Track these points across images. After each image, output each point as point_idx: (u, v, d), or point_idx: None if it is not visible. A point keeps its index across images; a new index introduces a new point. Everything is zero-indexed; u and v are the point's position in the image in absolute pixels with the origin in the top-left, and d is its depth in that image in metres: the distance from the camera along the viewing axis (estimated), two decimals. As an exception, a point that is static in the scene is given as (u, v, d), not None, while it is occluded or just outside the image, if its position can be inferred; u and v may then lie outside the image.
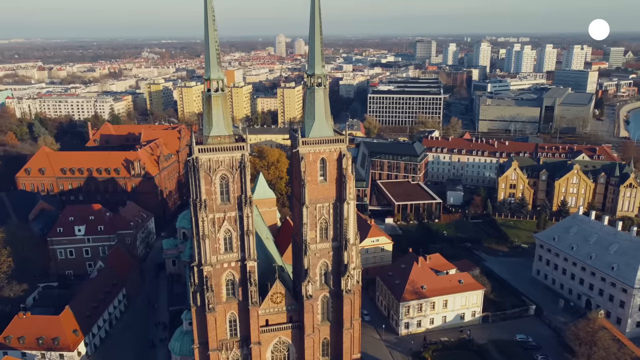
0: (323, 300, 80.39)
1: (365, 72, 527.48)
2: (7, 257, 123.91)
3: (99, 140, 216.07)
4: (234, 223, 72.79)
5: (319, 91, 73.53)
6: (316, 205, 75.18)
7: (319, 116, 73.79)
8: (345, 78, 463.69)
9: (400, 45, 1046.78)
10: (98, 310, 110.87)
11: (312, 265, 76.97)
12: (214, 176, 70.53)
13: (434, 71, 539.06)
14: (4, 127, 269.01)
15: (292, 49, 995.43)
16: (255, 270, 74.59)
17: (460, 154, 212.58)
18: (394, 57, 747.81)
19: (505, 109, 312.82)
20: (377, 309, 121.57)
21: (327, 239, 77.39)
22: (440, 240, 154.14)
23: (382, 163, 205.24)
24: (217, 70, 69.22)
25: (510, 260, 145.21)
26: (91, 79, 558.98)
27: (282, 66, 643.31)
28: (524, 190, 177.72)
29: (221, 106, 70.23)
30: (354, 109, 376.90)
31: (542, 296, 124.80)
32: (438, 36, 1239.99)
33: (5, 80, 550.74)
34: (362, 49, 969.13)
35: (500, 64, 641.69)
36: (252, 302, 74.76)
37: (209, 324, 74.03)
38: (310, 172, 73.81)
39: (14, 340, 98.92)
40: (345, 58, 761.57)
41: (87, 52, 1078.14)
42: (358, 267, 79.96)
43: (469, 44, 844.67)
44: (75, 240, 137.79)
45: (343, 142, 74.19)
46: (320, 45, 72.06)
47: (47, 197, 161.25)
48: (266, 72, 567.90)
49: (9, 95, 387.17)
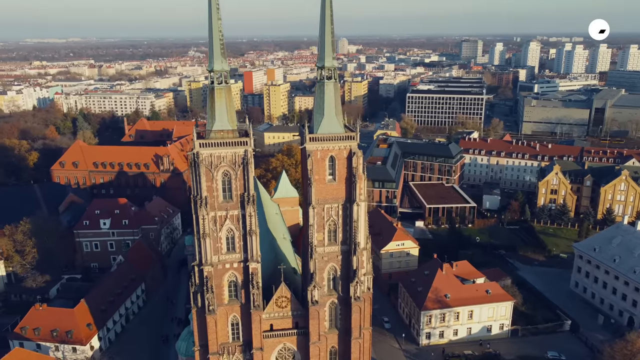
0: (331, 307, 75.92)
1: (407, 71, 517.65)
2: (32, 247, 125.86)
3: (134, 136, 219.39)
4: (237, 222, 69.43)
5: (329, 85, 69.14)
6: (324, 206, 70.82)
7: (328, 111, 69.41)
8: (385, 77, 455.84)
9: (445, 45, 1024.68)
10: (114, 305, 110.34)
11: (319, 270, 72.67)
12: (216, 172, 67.37)
13: (479, 71, 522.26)
14: (48, 122, 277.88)
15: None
16: (259, 272, 70.98)
17: (499, 156, 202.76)
18: (437, 57, 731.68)
19: (552, 111, 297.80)
20: (399, 317, 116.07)
21: (335, 242, 72.88)
22: (472, 246, 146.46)
23: (415, 164, 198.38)
24: (221, 62, 65.99)
25: (547, 271, 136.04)
26: (137, 76, 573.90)
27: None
28: (566, 196, 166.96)
29: (225, 99, 66.96)
30: (393, 109, 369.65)
31: (579, 311, 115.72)
32: (486, 36, 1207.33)
33: (57, 77, 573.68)
34: (407, 49, 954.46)
35: (550, 64, 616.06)
36: (254, 306, 71.20)
37: (209, 326, 71.01)
38: (318, 170, 69.50)
39: (30, 331, 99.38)
40: (388, 58, 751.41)
41: (137, 51, 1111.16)
42: (369, 274, 75.12)
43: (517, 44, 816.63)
44: (100, 233, 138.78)
45: (354, 140, 69.50)
46: (330, 36, 67.58)
47: (77, 190, 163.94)
48: (307, 71, 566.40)
49: (58, 91, 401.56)
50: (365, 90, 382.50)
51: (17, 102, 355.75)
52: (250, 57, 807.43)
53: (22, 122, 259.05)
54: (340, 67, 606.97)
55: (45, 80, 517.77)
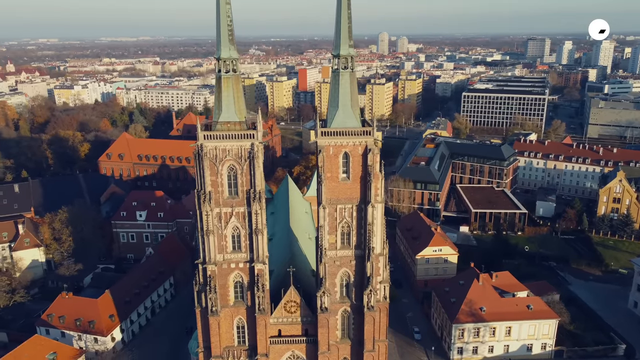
0: (343, 315, 70.48)
1: (466, 70, 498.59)
2: (68, 236, 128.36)
3: (182, 130, 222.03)
4: (243, 220, 65.45)
5: (345, 75, 63.64)
6: (337, 207, 65.49)
7: (343, 103, 63.93)
8: (443, 76, 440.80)
9: (511, 44, 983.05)
10: (139, 297, 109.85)
11: (330, 274, 67.43)
12: (221, 166, 63.67)
13: (544, 71, 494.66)
14: (106, 115, 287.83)
15: (394, 47, 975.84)
16: (265, 274, 66.71)
17: (556, 160, 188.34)
18: (501, 56, 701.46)
19: (622, 113, 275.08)
20: (431, 328, 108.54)
21: (349, 246, 67.37)
22: (519, 255, 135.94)
23: (464, 166, 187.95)
24: (229, 49, 62.11)
25: (603, 287, 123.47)
26: (197, 73, 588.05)
27: (381, 63, 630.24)
28: (631, 206, 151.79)
29: (232, 89, 63.04)
30: (448, 109, 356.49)
31: (636, 334, 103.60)
32: (556, 34, 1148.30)
33: (123, 73, 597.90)
34: (469, 48, 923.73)
35: (624, 64, 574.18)
36: (259, 309, 67.05)
37: (212, 328, 67.57)
38: (331, 167, 64.25)
39: (55, 319, 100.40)
40: (448, 57, 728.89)
41: (200, 49, 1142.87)
42: (385, 282, 69.02)
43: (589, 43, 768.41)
44: (137, 225, 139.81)
45: (370, 135, 63.60)
46: (347, 22, 62.06)
47: (120, 182, 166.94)
48: (363, 70, 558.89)
49: (120, 86, 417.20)
50: (419, 88, 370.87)
51: (81, 96, 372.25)
52: (309, 56, 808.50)
53: (81, 115, 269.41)
54: (397, 66, 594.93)
55: (112, 76, 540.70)
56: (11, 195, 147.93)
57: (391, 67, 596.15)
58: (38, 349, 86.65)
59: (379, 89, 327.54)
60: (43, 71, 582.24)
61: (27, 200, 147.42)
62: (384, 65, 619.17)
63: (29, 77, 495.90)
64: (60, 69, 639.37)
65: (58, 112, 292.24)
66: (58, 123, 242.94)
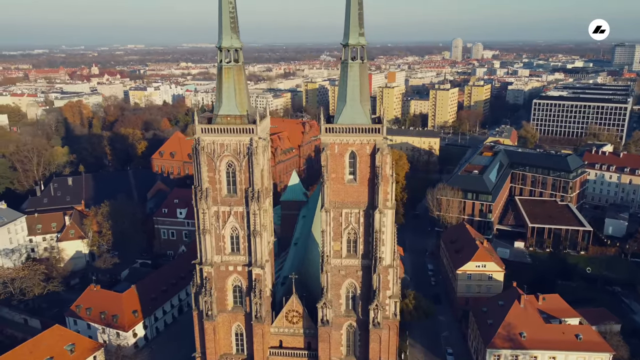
0: (349, 330, 64.39)
1: (542, 77, 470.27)
2: (108, 229, 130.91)
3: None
4: (241, 220, 61.38)
5: (354, 66, 57.93)
6: (342, 211, 59.81)
7: (351, 97, 58.26)
8: (515, 83, 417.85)
9: (596, 51, 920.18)
10: (166, 295, 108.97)
11: (334, 285, 61.77)
12: (219, 162, 60.01)
13: (631, 79, 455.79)
14: (171, 115, 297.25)
15: (469, 54, 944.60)
16: (264, 279, 62.19)
17: (633, 174, 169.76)
18: (583, 63, 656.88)
19: None
20: (466, 350, 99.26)
21: (355, 255, 61.39)
22: (578, 277, 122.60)
23: (524, 176, 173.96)
24: (231, 37, 58.50)
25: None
26: (265, 77, 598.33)
27: (451, 70, 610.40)
28: None
29: (233, 80, 59.31)
30: (518, 117, 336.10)
31: None
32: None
33: (197, 77, 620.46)
34: (550, 55, 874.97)
35: None
36: (255, 317, 62.52)
37: (207, 333, 63.94)
38: (336, 167, 58.75)
39: (83, 311, 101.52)
40: (525, 64, 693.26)
41: (274, 55, 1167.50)
42: (396, 297, 62.26)
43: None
44: (177, 222, 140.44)
45: (379, 133, 57.41)
46: (357, 7, 56.38)
47: (167, 179, 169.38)
48: (432, 76, 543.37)
49: (189, 88, 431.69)
50: (487, 95, 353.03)
51: (152, 97, 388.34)
52: (379, 62, 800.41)
53: (147, 114, 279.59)
54: (468, 73, 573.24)
55: (185, 79, 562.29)
56: (65, 187, 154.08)
57: (462, 73, 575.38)
58: (57, 340, 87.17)
59: (442, 94, 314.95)
60: (124, 74, 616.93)
61: (79, 194, 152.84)
62: (454, 71, 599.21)
63: (109, 79, 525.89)
64: (139, 72, 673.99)
65: (127, 111, 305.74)
66: (124, 121, 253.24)
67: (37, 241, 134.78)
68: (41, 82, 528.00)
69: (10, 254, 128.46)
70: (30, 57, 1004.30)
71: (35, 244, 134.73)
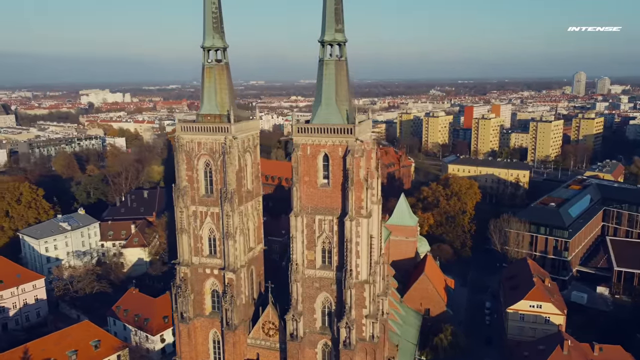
0: (324, 350, 59.13)
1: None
2: (164, 239, 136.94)
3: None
4: (217, 221, 60.05)
5: (329, 64, 54.85)
6: (315, 217, 55.98)
7: (326, 97, 55.04)
8: (639, 118, 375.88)
9: None
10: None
11: (307, 297, 57.49)
12: (197, 161, 59.70)
13: None
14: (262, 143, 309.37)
15: (594, 89, 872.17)
16: (238, 285, 59.83)
17: None
18: None
19: None
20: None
21: (330, 266, 56.79)
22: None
23: (620, 215, 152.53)
24: (213, 37, 58.63)
25: None
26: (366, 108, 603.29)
27: (568, 104, 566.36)
28: None
29: (215, 80, 59.16)
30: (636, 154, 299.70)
31: None
32: None
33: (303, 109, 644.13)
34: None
35: None
36: (227, 324, 60.03)
37: (181, 336, 62.70)
38: (308, 170, 55.44)
39: (121, 312, 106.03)
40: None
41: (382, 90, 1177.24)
42: (372, 317, 56.15)
43: None
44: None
45: (351, 134, 53.24)
46: (334, 2, 53.61)
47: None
48: (544, 110, 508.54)
49: (288, 118, 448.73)
50: (599, 129, 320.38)
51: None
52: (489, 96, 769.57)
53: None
54: (587, 107, 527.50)
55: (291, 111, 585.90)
56: (141, 199, 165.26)
57: (580, 108, 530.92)
58: (84, 334, 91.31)
59: (544, 126, 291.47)
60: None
61: (153, 205, 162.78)
62: (571, 105, 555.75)
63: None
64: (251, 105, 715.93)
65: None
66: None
67: (107, 246, 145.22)
68: (163, 112, 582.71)
69: (82, 256, 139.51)
70: (164, 92, 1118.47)
71: (106, 249, 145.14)
